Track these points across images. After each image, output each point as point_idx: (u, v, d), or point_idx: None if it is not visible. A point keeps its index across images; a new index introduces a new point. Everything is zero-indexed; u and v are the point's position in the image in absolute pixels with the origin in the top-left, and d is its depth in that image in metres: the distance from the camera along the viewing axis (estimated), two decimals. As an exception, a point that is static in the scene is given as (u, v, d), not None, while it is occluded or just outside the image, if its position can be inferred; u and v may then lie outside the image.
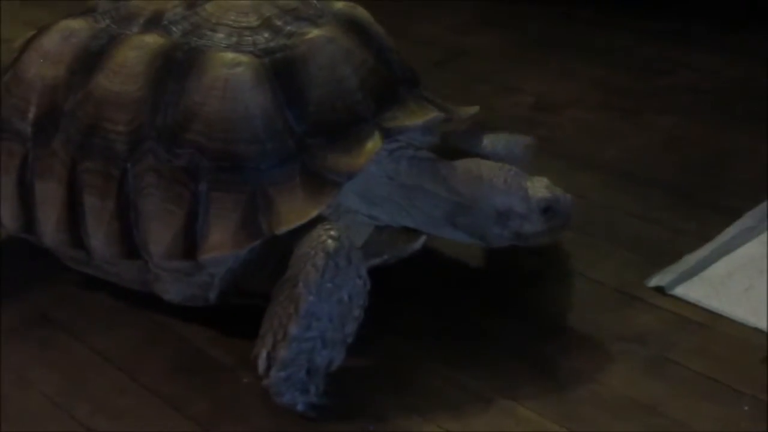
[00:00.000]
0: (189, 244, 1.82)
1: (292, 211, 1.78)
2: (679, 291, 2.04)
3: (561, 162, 2.51)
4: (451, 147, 2.05)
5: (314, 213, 1.78)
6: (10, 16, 3.60)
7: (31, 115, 1.99)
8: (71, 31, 2.01)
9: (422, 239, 2.01)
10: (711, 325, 1.95)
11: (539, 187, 1.93)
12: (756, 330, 1.92)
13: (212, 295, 1.92)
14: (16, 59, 2.07)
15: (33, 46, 2.05)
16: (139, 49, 1.91)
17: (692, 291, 2.04)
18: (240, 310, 1.92)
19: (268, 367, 1.71)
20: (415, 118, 1.93)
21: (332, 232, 1.73)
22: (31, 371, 1.89)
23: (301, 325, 1.69)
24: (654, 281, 2.06)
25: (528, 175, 1.95)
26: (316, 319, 1.70)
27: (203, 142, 1.83)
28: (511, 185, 1.93)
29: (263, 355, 1.71)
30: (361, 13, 2.05)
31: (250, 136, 1.83)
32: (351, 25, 1.99)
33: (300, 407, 1.72)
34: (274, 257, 1.82)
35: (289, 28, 1.93)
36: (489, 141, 2.10)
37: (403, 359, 1.89)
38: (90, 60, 1.96)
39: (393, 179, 1.96)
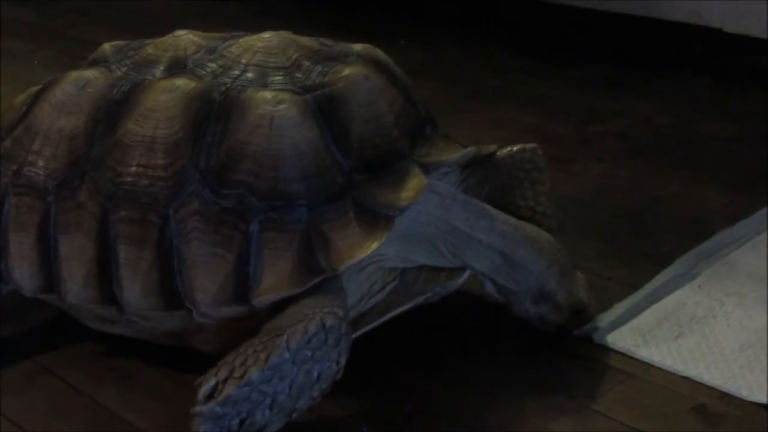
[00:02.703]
0: (240, 289, 1.76)
1: (353, 246, 1.76)
2: (609, 340, 2.01)
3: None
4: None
5: (375, 246, 1.76)
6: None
7: (51, 167, 1.91)
8: (86, 81, 1.96)
9: (466, 274, 1.98)
10: (640, 374, 1.92)
11: (581, 288, 1.99)
12: (685, 379, 1.89)
13: None
14: (25, 113, 1.99)
15: (44, 99, 1.98)
16: (170, 92, 1.87)
17: (621, 340, 2.00)
18: (153, 372, 1.87)
19: (209, 397, 1.64)
20: (448, 154, 1.93)
21: (337, 310, 1.71)
22: (-66, 441, 1.82)
23: (264, 375, 1.64)
24: (582, 331, 2.02)
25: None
26: (279, 378, 1.65)
27: (252, 181, 1.79)
28: (565, 276, 1.96)
29: (211, 382, 1.65)
30: (382, 54, 2.05)
31: (300, 172, 1.79)
32: (377, 65, 1.98)
33: None
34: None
35: (319, 67, 1.92)
36: None
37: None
38: (112, 108, 1.91)
39: (442, 222, 1.93)
